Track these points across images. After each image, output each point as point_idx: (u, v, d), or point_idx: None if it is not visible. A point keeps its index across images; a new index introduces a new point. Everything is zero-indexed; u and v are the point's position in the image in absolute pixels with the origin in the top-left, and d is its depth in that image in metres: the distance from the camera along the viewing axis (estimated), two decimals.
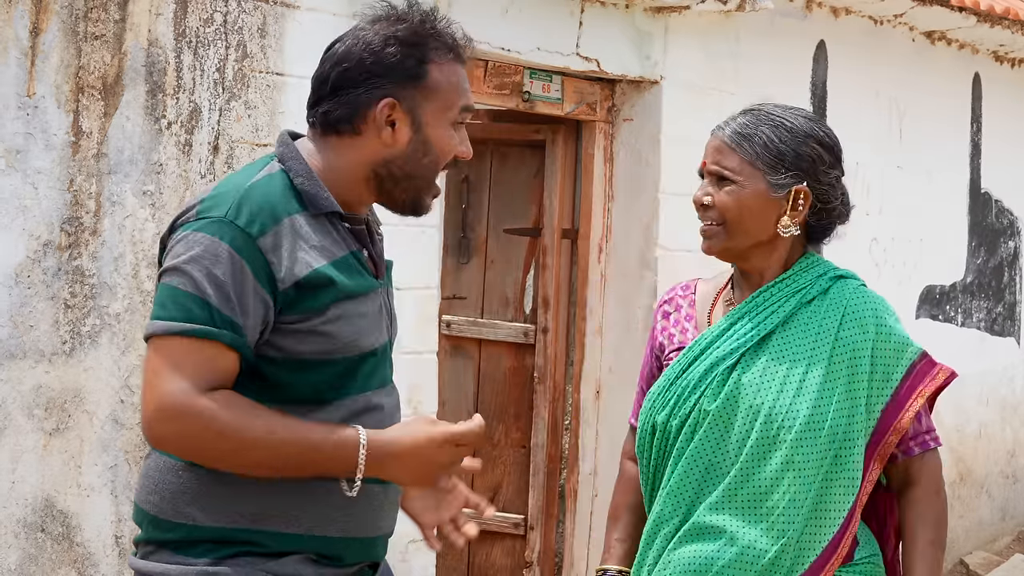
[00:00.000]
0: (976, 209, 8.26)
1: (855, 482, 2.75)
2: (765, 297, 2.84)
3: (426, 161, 2.51)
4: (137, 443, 4.16)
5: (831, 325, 2.79)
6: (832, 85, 6.97)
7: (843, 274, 2.90)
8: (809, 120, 2.85)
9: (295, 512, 2.42)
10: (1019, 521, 8.85)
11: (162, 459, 2.44)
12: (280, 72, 4.53)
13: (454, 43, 2.54)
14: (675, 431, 2.83)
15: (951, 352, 7.93)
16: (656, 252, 5.96)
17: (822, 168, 2.83)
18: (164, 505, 2.43)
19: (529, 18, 5.44)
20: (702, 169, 2.87)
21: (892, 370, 2.80)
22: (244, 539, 2.40)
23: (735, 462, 2.76)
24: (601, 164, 6.11)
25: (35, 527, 3.95)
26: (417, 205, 2.56)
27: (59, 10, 3.95)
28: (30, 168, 3.90)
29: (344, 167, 2.50)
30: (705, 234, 2.86)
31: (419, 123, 2.49)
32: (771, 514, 2.73)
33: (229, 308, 2.32)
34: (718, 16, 6.13)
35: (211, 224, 2.35)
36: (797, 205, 2.81)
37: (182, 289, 2.32)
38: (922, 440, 2.84)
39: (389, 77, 2.47)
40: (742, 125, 2.83)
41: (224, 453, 2.32)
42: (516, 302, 6.28)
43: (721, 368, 2.80)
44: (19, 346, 3.90)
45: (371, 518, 2.52)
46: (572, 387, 6.18)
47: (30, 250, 3.92)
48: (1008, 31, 7.73)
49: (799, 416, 2.73)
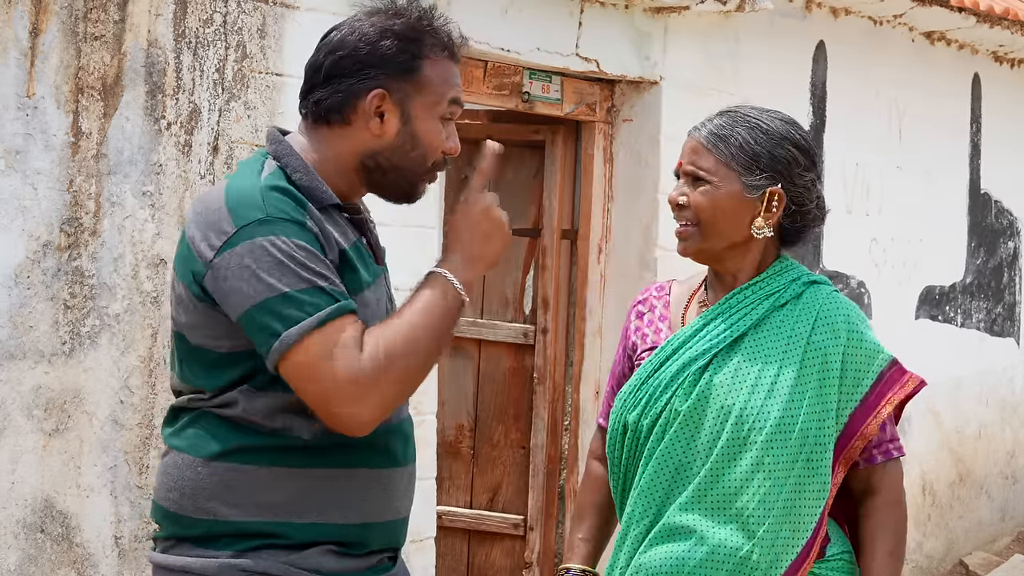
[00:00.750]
0: (976, 209, 8.26)
1: (826, 486, 2.76)
2: (739, 299, 2.85)
3: (414, 154, 2.53)
4: (137, 444, 4.16)
5: (803, 329, 2.80)
6: (832, 85, 6.97)
7: (816, 279, 2.91)
8: (785, 123, 2.87)
9: (314, 501, 2.43)
10: (1019, 522, 8.86)
11: (180, 456, 2.46)
12: (280, 73, 4.53)
13: (449, 41, 2.56)
14: (646, 431, 2.84)
15: (950, 353, 7.94)
16: (655, 252, 5.96)
17: (797, 170, 2.83)
18: (184, 502, 2.44)
19: (529, 18, 5.44)
20: (678, 169, 2.90)
21: (863, 376, 2.80)
22: (266, 531, 2.41)
23: (705, 462, 2.76)
24: (601, 164, 6.11)
25: (35, 528, 3.95)
26: (409, 194, 2.59)
27: (59, 11, 3.95)
28: (29, 169, 3.90)
29: (335, 158, 2.52)
30: (680, 236, 2.89)
31: (408, 116, 2.51)
32: (741, 515, 2.73)
33: (331, 282, 2.35)
34: (718, 16, 6.13)
35: (258, 227, 2.34)
36: (771, 207, 2.82)
37: (281, 293, 2.31)
38: (885, 449, 2.84)
39: (382, 68, 2.49)
40: (718, 126, 2.85)
41: (419, 361, 2.38)
42: (516, 303, 6.28)
43: (693, 368, 2.81)
44: (19, 347, 3.90)
45: (389, 501, 2.53)
46: (572, 387, 6.18)
47: (29, 251, 3.91)
48: (1008, 31, 7.73)
49: (770, 418, 2.74)
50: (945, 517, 8.01)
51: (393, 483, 2.53)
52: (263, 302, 2.31)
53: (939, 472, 7.88)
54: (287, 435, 2.42)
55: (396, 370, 2.34)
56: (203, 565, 2.40)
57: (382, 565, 2.57)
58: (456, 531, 6.28)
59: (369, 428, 2.36)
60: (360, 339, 2.33)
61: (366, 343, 2.33)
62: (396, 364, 2.33)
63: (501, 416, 6.31)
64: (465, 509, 6.34)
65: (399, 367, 2.34)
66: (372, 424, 2.36)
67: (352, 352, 2.31)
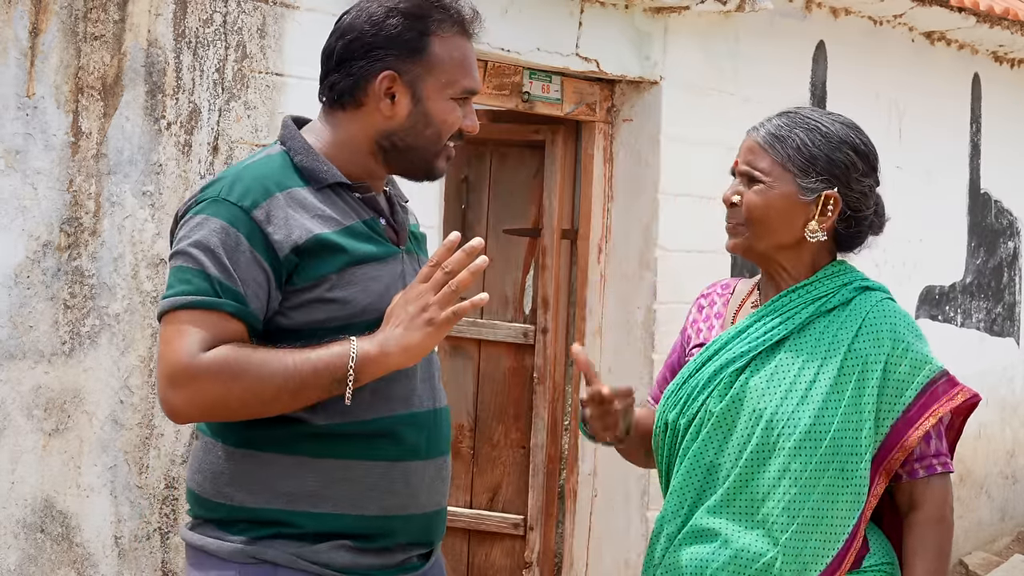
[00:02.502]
0: (975, 209, 8.26)
1: (862, 496, 2.71)
2: (784, 302, 2.82)
3: (428, 133, 2.54)
4: (137, 444, 4.16)
5: (846, 336, 2.76)
6: (832, 85, 6.97)
7: (870, 285, 2.86)
8: (846, 127, 2.83)
9: (329, 492, 2.44)
10: (1018, 521, 8.85)
11: (204, 440, 2.52)
12: (280, 72, 4.53)
13: (459, 17, 2.55)
14: (683, 430, 2.82)
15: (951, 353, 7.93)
16: (655, 252, 5.96)
17: (855, 175, 2.80)
18: (207, 485, 2.50)
19: (528, 18, 5.44)
20: (734, 168, 2.85)
21: (905, 386, 2.74)
22: (281, 519, 2.44)
23: (735, 466, 2.75)
24: (601, 164, 6.11)
25: (34, 527, 3.95)
26: (429, 170, 2.59)
27: (59, 11, 3.95)
28: (29, 168, 3.90)
29: (349, 141, 2.54)
30: (730, 232, 2.83)
31: (419, 96, 2.52)
32: (766, 521, 2.71)
33: (229, 279, 2.37)
34: (718, 16, 6.13)
35: (207, 205, 2.43)
36: (826, 210, 2.78)
37: (184, 266, 2.38)
38: (928, 463, 2.77)
39: (389, 49, 2.50)
40: (777, 127, 2.80)
41: (244, 395, 2.35)
42: (516, 302, 6.28)
43: (730, 370, 2.78)
44: (18, 346, 3.90)
45: (413, 495, 2.52)
46: (572, 387, 6.18)
47: (29, 250, 3.91)
48: (1007, 31, 7.72)
49: (800, 423, 2.71)
50: None
51: (416, 476, 2.51)
52: (172, 266, 2.42)
53: None
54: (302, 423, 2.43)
55: (217, 389, 2.34)
56: (218, 547, 2.46)
57: (410, 564, 2.56)
58: (456, 531, 6.28)
59: (180, 420, 2.40)
60: (211, 339, 2.35)
61: (218, 349, 2.35)
62: (222, 384, 2.34)
63: (501, 416, 6.31)
64: (465, 509, 6.34)
65: (220, 389, 2.34)
66: (183, 419, 2.39)
67: (187, 347, 2.34)
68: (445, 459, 2.59)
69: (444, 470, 2.59)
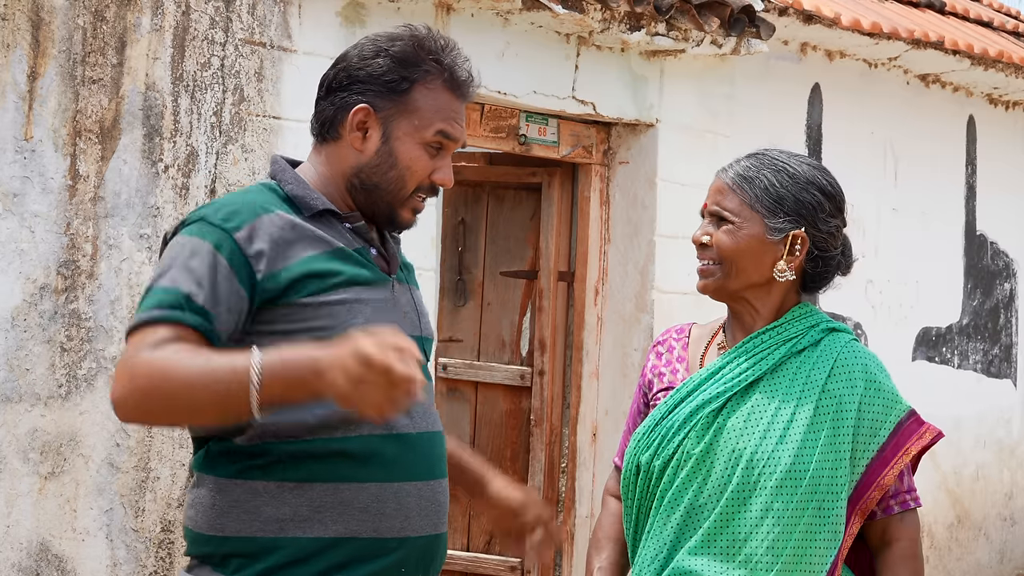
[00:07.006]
0: (972, 251, 8.27)
1: (838, 534, 2.74)
2: (756, 343, 2.84)
3: (392, 174, 2.53)
4: (133, 487, 4.15)
5: (819, 377, 2.79)
6: (827, 128, 6.99)
7: (836, 327, 2.90)
8: (813, 168, 2.87)
9: (320, 515, 2.43)
10: (1017, 564, 8.82)
11: (197, 476, 2.49)
12: (277, 116, 4.54)
13: (452, 76, 2.55)
14: (658, 472, 2.83)
15: (948, 394, 7.93)
16: (652, 295, 5.96)
17: (822, 216, 2.84)
18: (200, 519, 2.48)
19: (525, 61, 5.46)
20: (703, 210, 2.90)
21: (880, 425, 2.78)
22: (274, 547, 2.42)
23: (715, 507, 2.75)
24: (597, 207, 6.12)
25: (30, 571, 3.94)
26: (392, 217, 2.57)
27: (57, 54, 3.97)
28: (27, 211, 3.91)
29: (330, 175, 2.56)
30: (701, 273, 2.87)
31: (388, 135, 2.52)
32: (749, 561, 2.72)
33: (202, 298, 2.36)
34: (713, 60, 6.16)
35: (191, 227, 2.43)
36: (794, 250, 2.82)
37: (158, 286, 2.38)
38: (902, 499, 2.82)
39: (370, 84, 2.51)
40: (745, 168, 2.85)
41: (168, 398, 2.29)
42: (512, 345, 6.28)
43: (706, 411, 2.80)
44: (15, 389, 3.89)
45: (407, 517, 2.49)
46: (568, 430, 6.17)
47: (26, 293, 3.92)
48: (1002, 74, 7.76)
49: (780, 463, 2.73)
50: (944, 559, 7.99)
51: (409, 498, 2.49)
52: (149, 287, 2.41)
53: (937, 514, 7.86)
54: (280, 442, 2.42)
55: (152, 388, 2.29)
56: None
57: None
58: (453, 574, 6.26)
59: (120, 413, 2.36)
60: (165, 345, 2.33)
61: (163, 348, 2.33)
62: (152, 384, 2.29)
63: (498, 458, 6.29)
64: (462, 552, 6.32)
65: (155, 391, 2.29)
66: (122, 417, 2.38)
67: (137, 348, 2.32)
68: (441, 483, 2.58)
69: (441, 494, 2.58)
